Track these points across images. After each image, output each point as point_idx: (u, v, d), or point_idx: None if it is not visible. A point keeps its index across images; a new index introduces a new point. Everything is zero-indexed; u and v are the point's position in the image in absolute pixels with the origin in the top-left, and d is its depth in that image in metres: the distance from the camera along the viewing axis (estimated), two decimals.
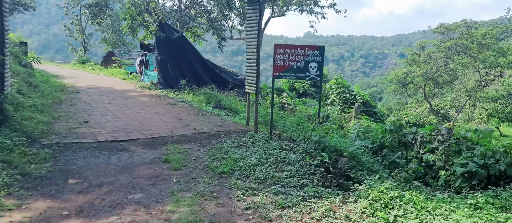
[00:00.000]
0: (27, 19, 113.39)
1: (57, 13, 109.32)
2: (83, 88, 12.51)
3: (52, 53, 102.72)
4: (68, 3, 39.46)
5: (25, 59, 11.48)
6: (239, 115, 9.96)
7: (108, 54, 27.01)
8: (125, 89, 13.20)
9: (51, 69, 19.06)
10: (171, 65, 14.33)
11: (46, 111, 7.74)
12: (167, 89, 13.86)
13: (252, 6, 7.30)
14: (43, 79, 11.46)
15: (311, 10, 18.41)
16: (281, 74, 6.96)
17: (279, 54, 6.85)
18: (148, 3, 13.49)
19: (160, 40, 14.08)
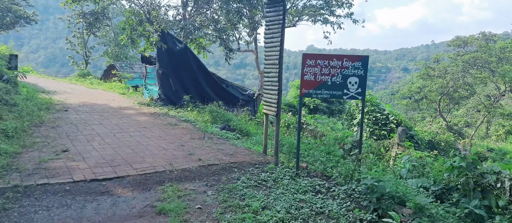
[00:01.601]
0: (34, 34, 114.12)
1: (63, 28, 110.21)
2: (73, 105, 11.09)
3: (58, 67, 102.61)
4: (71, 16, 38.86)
5: (9, 74, 10.12)
6: (251, 138, 8.44)
7: (108, 68, 25.79)
8: (121, 107, 11.76)
9: (46, 84, 17.76)
10: (173, 79, 12.93)
11: (17, 137, 6.27)
12: (168, 106, 12.42)
13: (274, 7, 5.88)
14: (28, 96, 10.06)
15: (326, 20, 17.08)
16: (311, 92, 5.46)
17: (308, 66, 5.37)
18: (149, 12, 12.21)
19: (162, 52, 12.73)
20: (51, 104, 10.60)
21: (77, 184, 4.64)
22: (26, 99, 9.36)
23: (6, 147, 5.36)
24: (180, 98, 12.53)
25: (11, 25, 35.31)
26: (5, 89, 8.38)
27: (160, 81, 13.12)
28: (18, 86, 10.20)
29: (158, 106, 12.35)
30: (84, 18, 12.21)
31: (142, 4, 12.42)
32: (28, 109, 8.44)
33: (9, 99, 7.90)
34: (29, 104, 9.07)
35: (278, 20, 5.81)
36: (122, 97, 14.74)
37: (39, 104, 9.66)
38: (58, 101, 11.43)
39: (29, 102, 9.22)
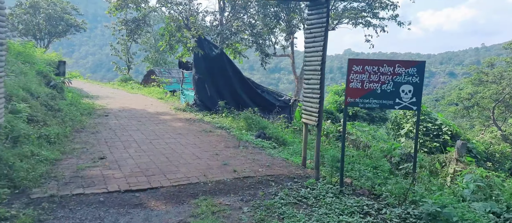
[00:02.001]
0: (84, 41, 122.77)
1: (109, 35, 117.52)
2: (114, 110, 11.40)
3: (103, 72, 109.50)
4: (115, 23, 41.12)
5: (56, 79, 10.62)
6: (288, 147, 8.01)
7: (148, 73, 26.73)
8: (158, 112, 11.90)
9: (90, 89, 18.68)
10: (209, 85, 12.88)
11: (58, 143, 6.40)
12: (204, 112, 12.37)
13: (316, 9, 5.44)
14: (73, 101, 10.49)
15: (368, 23, 16.17)
16: (357, 101, 4.93)
17: (355, 73, 4.86)
18: (187, 18, 12.29)
19: (198, 57, 12.75)
20: (93, 109, 10.96)
21: (111, 194, 4.52)
22: (70, 105, 9.73)
23: (47, 153, 5.43)
24: (215, 104, 12.43)
25: (63, 33, 38.08)
26: (51, 95, 8.73)
27: (196, 86, 13.14)
28: (64, 91, 10.68)
29: (194, 112, 12.34)
30: (126, 25, 12.58)
31: (181, 11, 12.54)
32: (71, 114, 8.72)
33: (54, 105, 8.19)
34: (73, 109, 9.39)
35: (321, 23, 5.36)
36: (160, 102, 15.00)
37: (82, 110, 10.00)
38: (100, 106, 11.82)
39: (73, 108, 9.57)
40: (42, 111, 7.30)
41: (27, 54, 10.54)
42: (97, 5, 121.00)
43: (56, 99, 8.90)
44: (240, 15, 13.06)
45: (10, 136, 5.17)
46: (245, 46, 14.40)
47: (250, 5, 13.21)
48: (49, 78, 10.23)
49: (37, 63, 10.49)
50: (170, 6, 12.12)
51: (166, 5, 11.93)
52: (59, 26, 36.92)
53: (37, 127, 6.42)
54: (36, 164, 4.96)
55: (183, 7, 12.26)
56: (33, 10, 35.32)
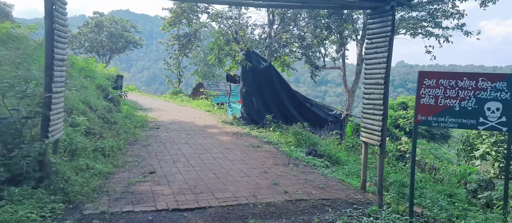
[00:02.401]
0: (140, 56, 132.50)
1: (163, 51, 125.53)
2: (164, 123, 11.69)
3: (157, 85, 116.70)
4: (169, 39, 43.62)
5: (114, 93, 11.21)
6: (342, 167, 7.38)
7: (197, 86, 27.61)
8: (206, 125, 11.96)
9: (144, 101, 19.66)
10: (256, 98, 12.69)
11: (112, 156, 6.55)
12: (251, 125, 12.17)
13: (379, 17, 4.92)
14: (128, 113, 10.97)
15: (429, 33, 14.83)
16: (430, 120, 4.26)
17: (427, 87, 4.22)
18: (236, 31, 12.34)
19: (246, 70, 12.67)
20: (146, 122, 11.34)
21: (159, 213, 4.37)
22: (125, 117, 10.15)
23: (101, 167, 5.52)
24: (262, 118, 12.17)
25: (122, 49, 41.31)
26: (108, 108, 9.16)
27: (243, 99, 13.05)
28: (120, 104, 11.23)
29: (241, 125, 12.20)
30: (178, 40, 13.02)
31: (230, 25, 12.64)
32: (125, 127, 9.04)
33: (110, 117, 8.55)
34: (127, 122, 9.76)
35: (385, 32, 4.82)
36: (207, 115, 15.18)
37: (135, 122, 10.37)
38: (152, 119, 12.22)
39: (127, 120, 9.95)
40: (99, 124, 7.61)
41: (89, 69, 11.32)
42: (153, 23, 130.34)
43: (112, 112, 9.31)
44: (289, 28, 12.78)
45: (68, 149, 5.34)
46: (293, 58, 14.05)
47: (300, 17, 12.89)
48: (107, 92, 10.82)
49: (97, 78, 11.20)
50: (220, 21, 12.28)
51: (216, 20, 12.12)
52: (119, 43, 40.12)
53: (94, 140, 6.65)
54: (90, 178, 5.03)
55: (233, 21, 12.35)
56: (98, 29, 38.88)
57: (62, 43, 4.40)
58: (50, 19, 4.05)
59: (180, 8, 11.91)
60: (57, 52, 4.22)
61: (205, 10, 11.82)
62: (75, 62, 10.75)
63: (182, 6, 11.81)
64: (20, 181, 4.04)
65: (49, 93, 4.18)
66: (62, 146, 5.28)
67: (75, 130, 6.06)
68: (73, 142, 5.53)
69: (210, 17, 12.26)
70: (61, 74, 4.47)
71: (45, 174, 4.27)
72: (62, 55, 4.41)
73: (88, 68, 11.35)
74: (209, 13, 11.86)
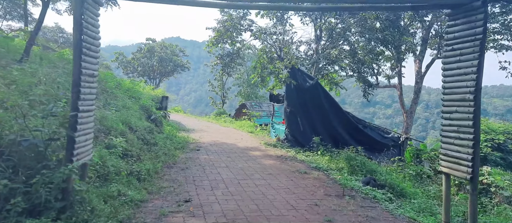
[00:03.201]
0: (188, 79, 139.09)
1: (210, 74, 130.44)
2: (205, 144, 11.25)
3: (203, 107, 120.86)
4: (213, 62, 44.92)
5: (156, 113, 11.11)
6: (410, 201, 6.13)
7: (240, 107, 27.43)
8: (248, 147, 11.28)
9: (188, 122, 19.72)
10: (302, 118, 11.79)
11: (148, 180, 6.08)
12: (296, 148, 11.23)
13: (464, 17, 3.91)
14: (170, 134, 10.73)
15: (503, 47, 12.83)
16: None
17: None
18: (281, 49, 11.75)
19: (291, 89, 11.91)
20: (187, 143, 10.99)
21: None
22: (166, 138, 9.87)
23: (133, 194, 5.02)
24: (309, 140, 11.21)
25: (171, 72, 43.26)
26: (149, 128, 8.92)
27: (287, 120, 12.22)
28: (162, 125, 11.07)
29: (285, 148, 11.32)
30: (221, 59, 12.77)
31: (274, 41, 12.11)
32: (165, 148, 8.69)
33: (150, 139, 8.25)
34: (168, 143, 9.44)
35: (472, 35, 3.79)
36: (250, 136, 14.54)
37: (176, 143, 10.03)
38: (193, 140, 11.88)
39: (168, 141, 9.64)
40: (137, 145, 7.30)
41: (134, 90, 11.40)
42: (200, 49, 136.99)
43: (153, 133, 9.06)
44: (339, 43, 11.87)
45: (101, 173, 4.94)
46: (342, 76, 13.00)
47: (349, 33, 11.91)
48: (150, 112, 10.72)
49: (142, 98, 11.21)
50: (264, 38, 11.81)
51: (260, 37, 11.66)
52: (168, 67, 42.13)
53: (130, 162, 6.26)
54: (119, 207, 4.51)
55: (277, 37, 11.80)
56: (150, 54, 41.28)
57: (92, 57, 4.04)
58: (78, 30, 3.70)
59: (224, 27, 11.68)
60: (85, 66, 3.84)
61: (248, 28, 11.44)
62: (121, 83, 10.88)
63: (226, 25, 11.57)
64: (41, 212, 3.60)
65: (75, 112, 3.77)
66: (93, 170, 4.89)
67: (110, 152, 5.71)
68: (106, 165, 5.13)
69: (253, 34, 11.85)
70: (91, 91, 4.09)
71: (69, 203, 3.80)
72: (92, 70, 4.04)
73: (133, 89, 11.45)
74: (252, 31, 11.46)
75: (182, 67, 43.81)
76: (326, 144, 10.70)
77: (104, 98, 8.31)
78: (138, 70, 41.09)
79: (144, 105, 10.73)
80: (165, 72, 42.31)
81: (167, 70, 42.17)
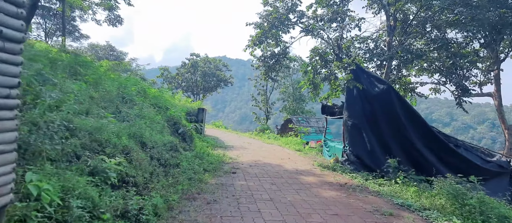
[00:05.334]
0: (234, 97, 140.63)
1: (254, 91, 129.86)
2: (244, 165, 9.01)
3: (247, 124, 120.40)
4: (258, 75, 43.31)
5: (187, 126, 9.21)
6: None
7: (285, 122, 25.01)
8: (298, 170, 8.79)
9: (228, 138, 17.77)
10: (369, 134, 9.08)
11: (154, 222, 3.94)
12: (361, 173, 8.53)
13: None
14: (201, 152, 8.71)
15: None
16: None
17: None
18: (339, 46, 9.29)
19: (353, 96, 9.35)
20: (221, 162, 8.86)
21: None
22: (194, 157, 7.85)
23: None
24: (379, 162, 8.46)
25: (214, 87, 42.49)
26: (171, 145, 6.94)
27: (349, 136, 9.56)
28: (193, 140, 9.13)
29: (347, 172, 8.65)
30: (264, 62, 10.64)
31: (330, 39, 9.68)
32: (191, 171, 6.60)
33: (171, 158, 6.24)
34: (196, 163, 7.38)
35: None
36: (298, 156, 12.02)
37: (207, 164, 7.93)
38: (230, 159, 9.72)
39: (197, 161, 7.59)
40: (147, 168, 5.28)
41: (162, 98, 9.67)
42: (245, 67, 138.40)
43: (177, 150, 7.08)
44: (426, 29, 8.99)
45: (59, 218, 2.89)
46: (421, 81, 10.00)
47: (441, 17, 8.90)
48: (178, 126, 8.83)
49: (171, 109, 9.42)
50: (318, 33, 9.44)
51: (314, 27, 9.27)
52: (212, 82, 41.43)
53: (130, 195, 4.20)
54: None
55: (334, 29, 9.37)
56: (193, 69, 41.01)
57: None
58: None
59: (268, 21, 9.58)
60: None
61: (298, 21, 9.18)
62: (147, 90, 9.21)
63: (270, 19, 9.46)
64: None
65: None
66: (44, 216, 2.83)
67: (91, 181, 3.70)
68: (71, 206, 3.07)
69: (305, 29, 9.55)
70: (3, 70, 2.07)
71: None
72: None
73: (161, 97, 9.74)
74: (303, 23, 9.18)
75: (225, 82, 42.85)
76: (406, 169, 7.87)
77: (114, 107, 6.55)
78: (182, 85, 40.91)
79: (172, 117, 8.89)
80: (208, 87, 41.63)
81: (210, 85, 41.46)
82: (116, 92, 7.50)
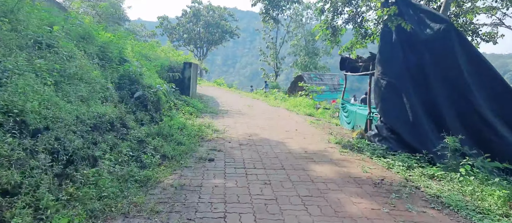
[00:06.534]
0: (245, 52, 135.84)
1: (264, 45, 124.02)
2: (233, 143, 6.41)
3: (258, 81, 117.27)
4: (266, 26, 39.38)
5: (153, 87, 6.53)
6: None
7: (295, 79, 22.06)
8: (307, 151, 6.14)
9: (226, 99, 15.10)
10: (412, 98, 6.22)
11: None
12: (400, 155, 5.87)
13: None
14: (170, 124, 6.10)
15: None
16: None
17: None
18: None
19: (390, 43, 6.41)
20: (200, 139, 6.29)
21: None
22: (157, 135, 5.26)
23: None
24: (425, 139, 5.82)
25: (219, 40, 39.00)
26: (109, 121, 4.28)
27: (381, 101, 6.72)
28: (160, 108, 6.50)
29: (379, 154, 5.97)
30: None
31: None
32: (134, 165, 4.02)
33: (85, 148, 3.63)
34: (149, 146, 4.78)
35: None
36: (309, 125, 9.32)
37: (174, 145, 5.35)
38: (216, 133, 7.13)
39: (155, 142, 4.99)
40: (10, 176, 2.68)
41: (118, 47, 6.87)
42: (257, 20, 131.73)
43: (126, 126, 4.50)
44: None
45: None
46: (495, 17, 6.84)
47: None
48: (136, 88, 6.15)
49: (127, 64, 6.67)
50: None
51: None
52: (216, 34, 37.85)
53: None
54: None
55: None
56: (195, 19, 37.30)
57: None
58: None
59: None
60: None
61: None
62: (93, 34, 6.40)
63: None
64: None
65: None
66: None
67: None
68: None
69: None
70: None
71: None
72: None
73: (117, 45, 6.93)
74: None
75: (231, 34, 39.11)
76: (474, 153, 5.16)
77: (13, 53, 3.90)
78: (184, 37, 37.59)
79: (128, 74, 6.18)
80: (212, 40, 38.17)
81: (214, 38, 37.93)
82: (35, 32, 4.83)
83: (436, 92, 6.04)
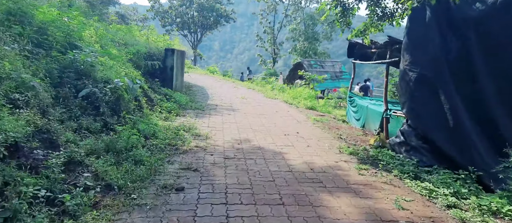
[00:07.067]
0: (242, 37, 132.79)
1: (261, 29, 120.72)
2: (215, 155, 4.88)
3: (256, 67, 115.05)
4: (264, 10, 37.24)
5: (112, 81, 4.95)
6: None
7: (294, 67, 20.33)
8: (314, 167, 4.62)
9: (219, 90, 13.48)
10: (453, 97, 4.67)
11: None
12: (438, 172, 4.37)
13: None
14: (133, 130, 4.57)
15: None
16: None
17: None
18: None
19: (423, 24, 4.85)
20: (172, 151, 4.74)
21: None
22: (107, 151, 3.74)
23: None
24: (470, 150, 4.30)
25: (214, 25, 36.89)
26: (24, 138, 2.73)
27: (409, 99, 5.16)
28: (121, 109, 4.95)
29: (408, 170, 4.47)
30: None
31: None
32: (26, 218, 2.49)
33: None
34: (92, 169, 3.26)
35: None
36: (313, 127, 7.75)
37: (130, 164, 3.82)
38: (196, 139, 5.58)
39: (98, 165, 3.45)
40: None
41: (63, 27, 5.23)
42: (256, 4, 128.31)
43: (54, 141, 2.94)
44: None
45: None
46: None
47: None
48: (83, 83, 4.56)
49: (82, 50, 5.07)
50: None
51: None
52: (211, 18, 35.72)
53: None
54: None
55: None
56: (188, 1, 35.07)
57: None
58: None
59: None
60: None
61: None
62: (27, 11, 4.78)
63: None
64: None
65: None
66: None
67: None
68: None
69: None
70: None
71: None
72: None
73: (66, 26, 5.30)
74: None
75: (226, 18, 36.92)
76: None
77: None
78: (177, 21, 35.46)
79: (75, 67, 4.58)
80: (207, 24, 36.07)
81: (209, 22, 35.80)
82: None
83: (488, 90, 4.49)
